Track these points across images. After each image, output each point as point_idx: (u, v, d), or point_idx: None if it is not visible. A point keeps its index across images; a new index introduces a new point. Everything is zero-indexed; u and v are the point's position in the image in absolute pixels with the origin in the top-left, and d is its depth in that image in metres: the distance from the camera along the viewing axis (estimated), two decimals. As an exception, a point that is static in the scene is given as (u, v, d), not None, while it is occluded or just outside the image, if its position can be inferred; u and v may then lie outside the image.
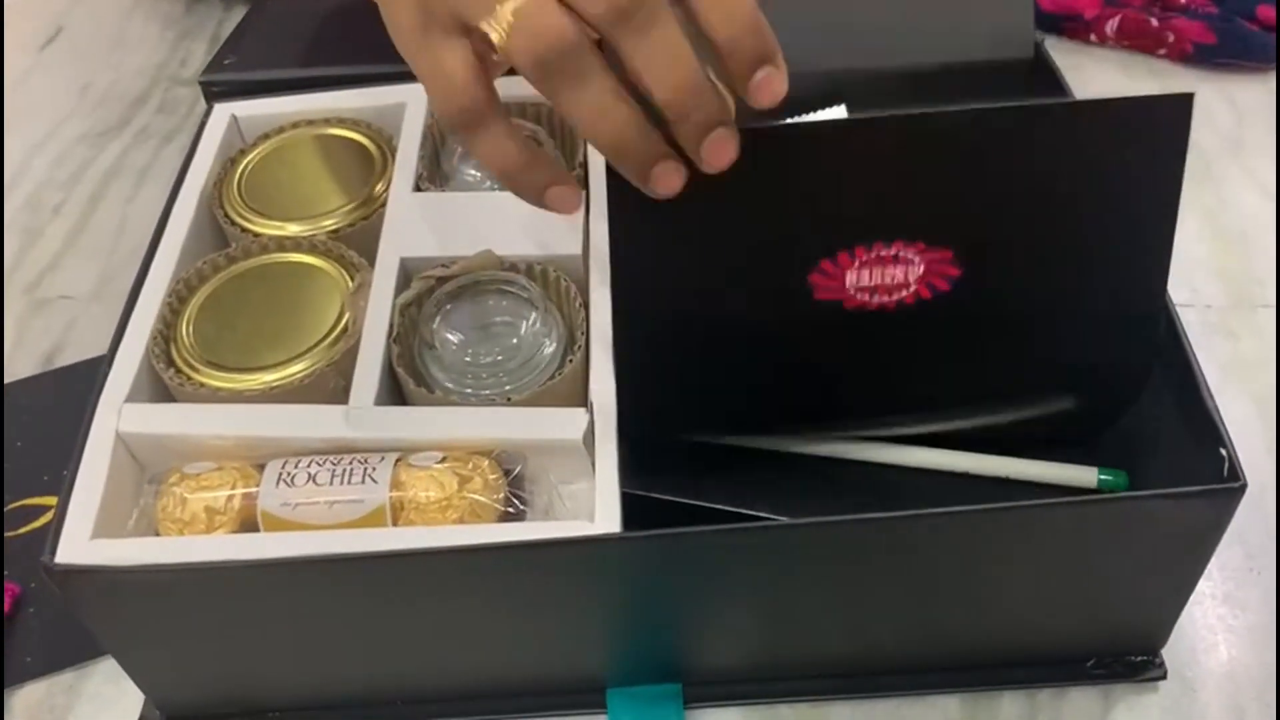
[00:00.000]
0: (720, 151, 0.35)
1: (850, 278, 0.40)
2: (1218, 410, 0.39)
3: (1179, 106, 0.37)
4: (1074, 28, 0.73)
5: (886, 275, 0.40)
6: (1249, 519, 0.49)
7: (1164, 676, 0.44)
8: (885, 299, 0.40)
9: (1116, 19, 0.72)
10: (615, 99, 0.34)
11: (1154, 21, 0.71)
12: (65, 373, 0.59)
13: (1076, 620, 0.43)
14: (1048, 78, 0.54)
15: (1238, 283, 0.59)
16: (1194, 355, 0.41)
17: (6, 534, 0.51)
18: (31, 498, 0.53)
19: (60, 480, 0.53)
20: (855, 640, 0.43)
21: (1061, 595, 0.42)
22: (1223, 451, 0.38)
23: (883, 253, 0.39)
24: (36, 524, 0.53)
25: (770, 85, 0.35)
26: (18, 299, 0.63)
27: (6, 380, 0.58)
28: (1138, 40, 0.72)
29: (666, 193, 0.35)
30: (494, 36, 0.34)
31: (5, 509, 0.52)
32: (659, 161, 0.35)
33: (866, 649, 0.44)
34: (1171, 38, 0.71)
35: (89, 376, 0.58)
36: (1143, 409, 0.43)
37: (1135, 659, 0.44)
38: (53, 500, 0.54)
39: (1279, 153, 0.66)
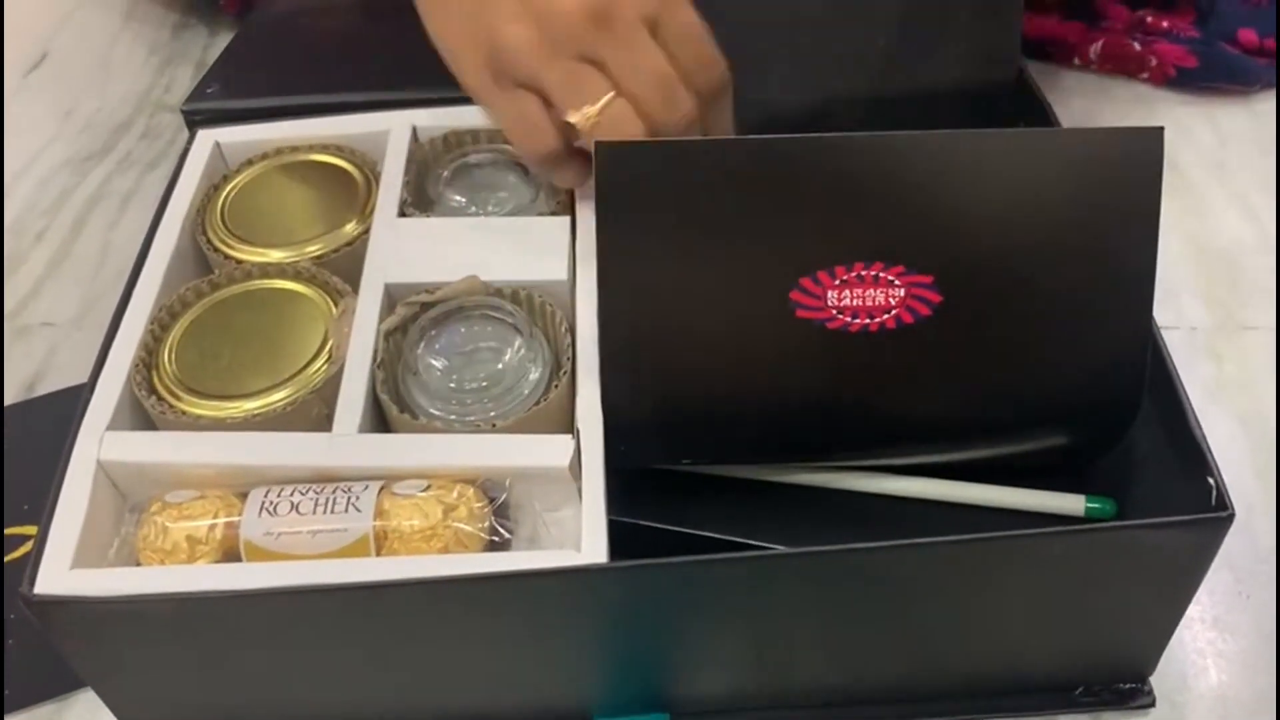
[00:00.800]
0: None
1: (831, 296, 0.40)
2: (1204, 438, 0.39)
3: (1150, 139, 0.38)
4: (1057, 52, 0.74)
5: (867, 297, 0.40)
6: (1237, 543, 0.49)
7: (1153, 704, 0.44)
8: (866, 321, 0.40)
9: (1099, 43, 0.72)
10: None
11: (1136, 45, 0.71)
12: (46, 400, 0.59)
13: (1065, 648, 0.43)
14: (1031, 101, 0.54)
15: (1222, 305, 0.60)
16: (1180, 381, 0.41)
17: (-14, 563, 0.51)
18: (12, 527, 0.53)
19: (41, 509, 0.53)
20: (843, 670, 0.43)
21: (1050, 624, 0.42)
22: (1210, 480, 0.38)
23: (863, 273, 0.40)
24: (16, 554, 0.52)
25: None
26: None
27: (-14, 408, 0.58)
28: (1120, 64, 0.72)
29: None
30: (580, 123, 0.43)
31: (-16, 538, 0.52)
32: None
33: (855, 678, 0.44)
34: (1154, 61, 0.71)
35: (70, 404, 0.58)
36: (1129, 436, 0.43)
37: (1124, 686, 0.44)
38: (33, 530, 0.53)
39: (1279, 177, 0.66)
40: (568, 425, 0.43)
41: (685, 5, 0.44)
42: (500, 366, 0.44)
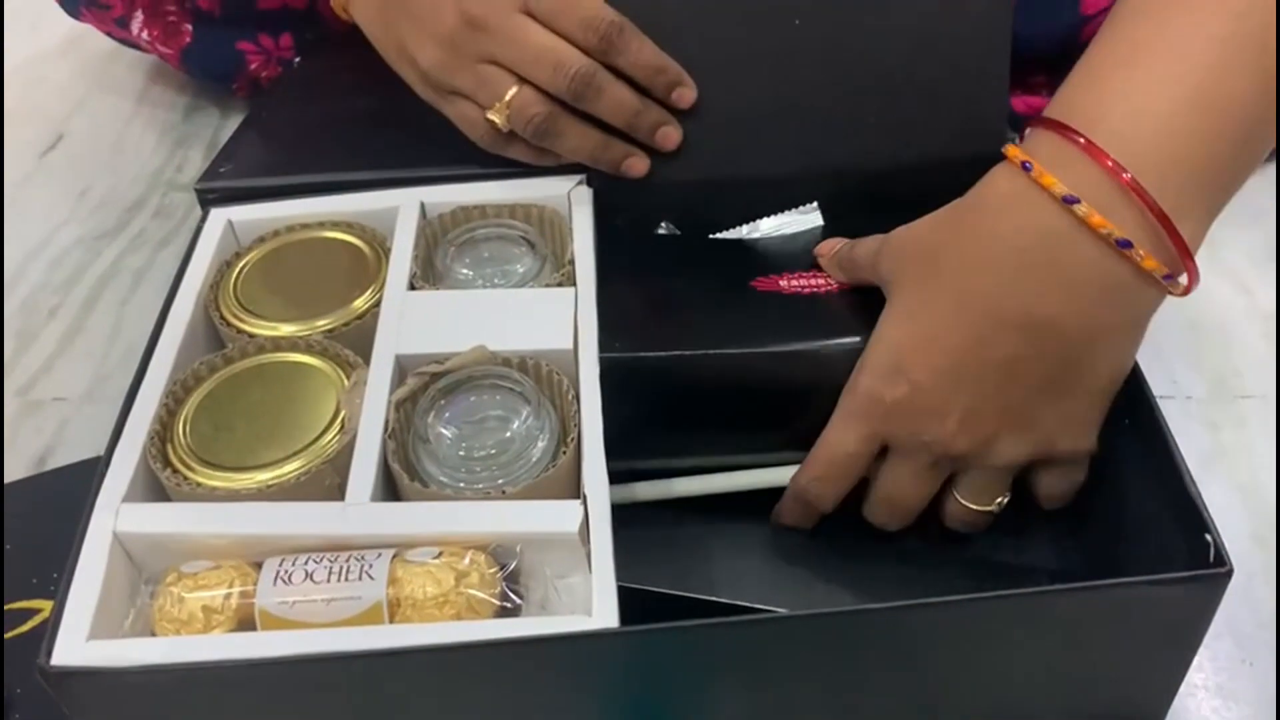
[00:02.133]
0: (666, 139, 0.54)
1: (782, 282, 0.51)
2: (1200, 495, 0.40)
3: None
4: None
5: (809, 281, 0.51)
6: (1238, 610, 0.49)
7: (1159, 764, 0.44)
8: (815, 289, 0.51)
9: None
10: (584, 136, 0.53)
11: None
12: (57, 475, 0.59)
13: (1068, 707, 0.43)
14: None
15: (1217, 374, 0.61)
16: (1174, 443, 0.42)
17: (-5, 637, 0.51)
18: (20, 601, 0.53)
19: (50, 583, 0.53)
20: None
21: (1053, 682, 0.42)
22: (1208, 537, 0.39)
23: (803, 274, 0.51)
24: (24, 628, 0.52)
25: (681, 98, 0.53)
26: (11, 401, 0.63)
27: (-4, 482, 0.58)
28: None
29: (638, 174, 0.54)
30: (499, 120, 0.52)
31: (-6, 612, 0.52)
32: (625, 158, 0.54)
33: None
34: None
35: (80, 478, 0.59)
36: (1127, 497, 0.44)
37: None
38: (42, 604, 0.54)
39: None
40: (575, 492, 0.44)
41: None
42: (509, 434, 0.45)
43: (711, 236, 0.57)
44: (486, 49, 0.51)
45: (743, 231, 0.57)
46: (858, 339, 0.46)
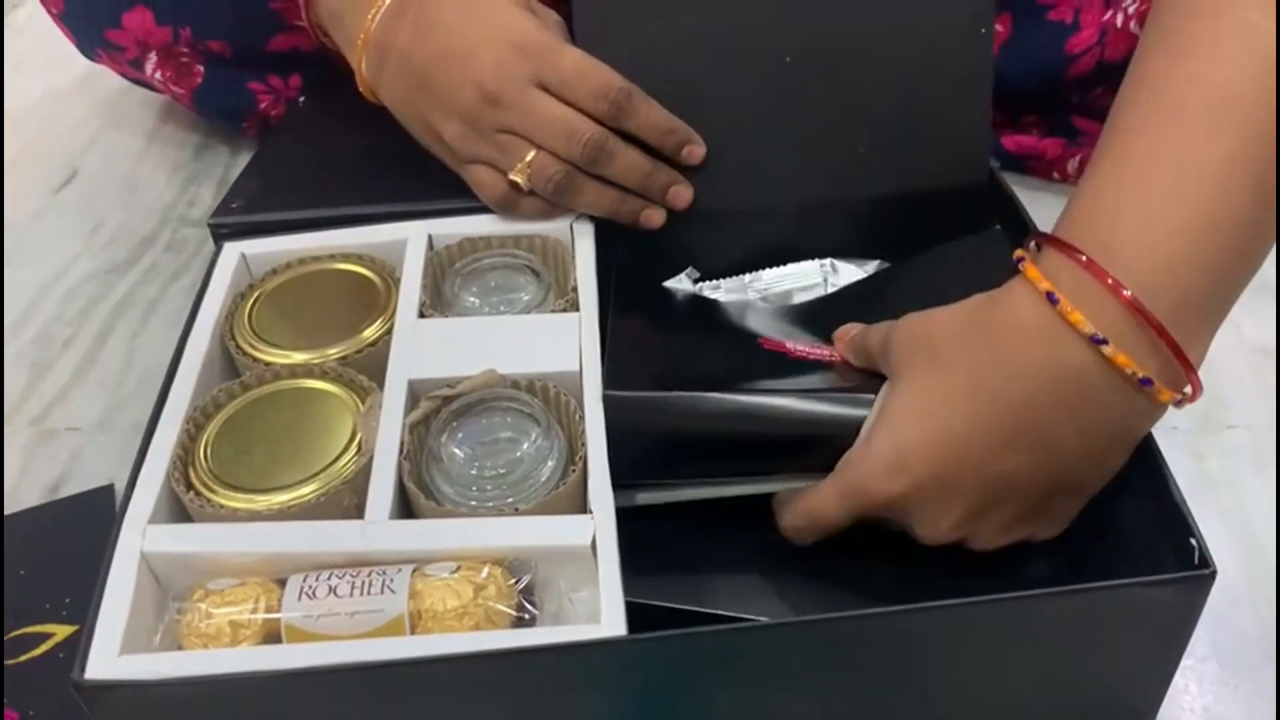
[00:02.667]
0: (677, 198, 0.58)
1: (789, 345, 0.53)
2: (1185, 503, 0.42)
3: None
4: (1037, 167, 0.77)
5: (814, 350, 0.53)
6: (1223, 634, 0.51)
7: (1147, 772, 0.46)
8: (819, 357, 0.52)
9: (1077, 158, 0.75)
10: (601, 193, 0.57)
11: None
12: (69, 502, 0.60)
13: (1056, 712, 0.45)
14: (1004, 201, 0.58)
15: (1202, 404, 0.61)
16: (1161, 457, 0.44)
17: (7, 662, 0.52)
18: (32, 625, 0.54)
19: (63, 608, 0.55)
20: None
21: (1042, 686, 0.44)
22: (1192, 541, 0.40)
23: (808, 345, 0.53)
24: (36, 652, 0.53)
25: (692, 155, 0.57)
26: (25, 430, 0.64)
27: (11, 510, 0.59)
28: None
29: (656, 225, 0.58)
30: (520, 180, 0.56)
31: (6, 637, 0.53)
32: (642, 210, 0.58)
33: None
34: None
35: (93, 506, 0.60)
36: (1114, 507, 0.46)
37: None
38: (55, 628, 0.55)
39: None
40: (583, 509, 0.45)
41: (559, 54, 0.54)
42: (519, 454, 0.47)
43: (716, 289, 0.60)
44: (504, 121, 0.55)
45: (744, 280, 0.60)
46: (869, 396, 0.47)
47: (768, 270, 0.60)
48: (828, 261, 0.60)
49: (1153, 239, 0.41)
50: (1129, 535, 0.45)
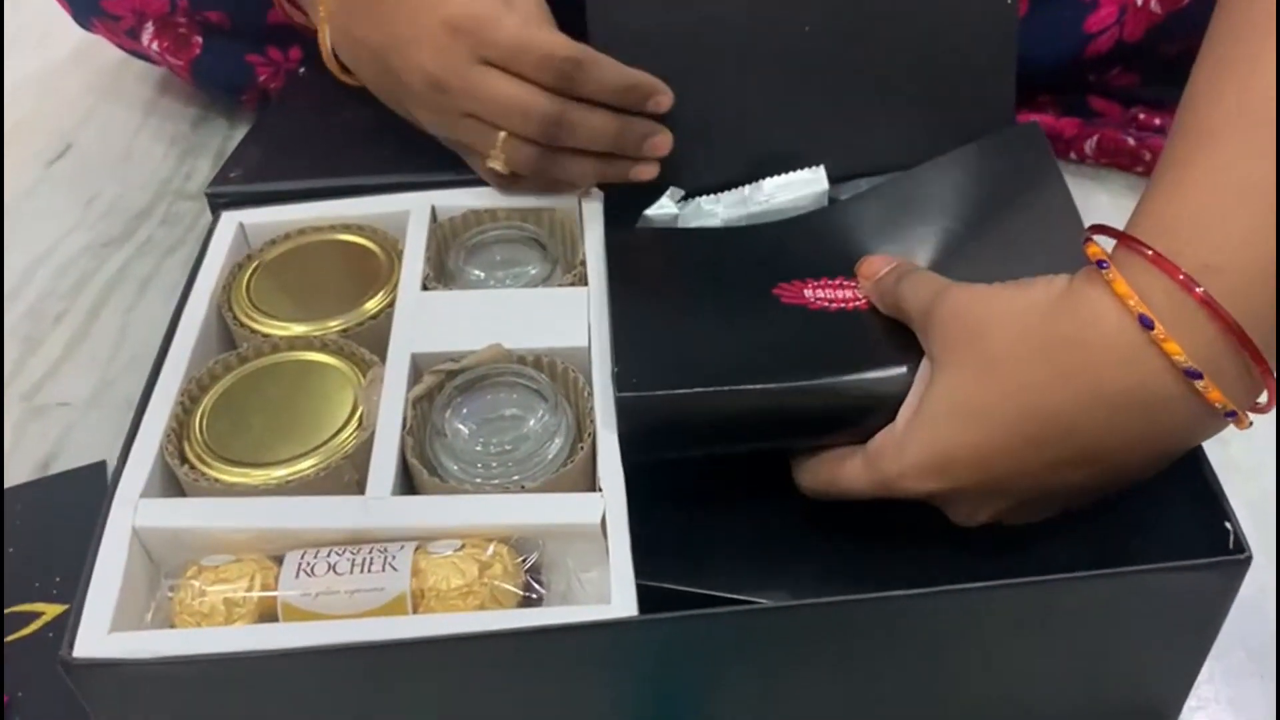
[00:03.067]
0: (655, 149, 0.54)
1: (807, 293, 0.48)
2: (1220, 487, 0.40)
3: None
4: (1054, 146, 0.75)
5: (836, 294, 0.49)
6: (1249, 623, 0.49)
7: (1174, 759, 0.45)
8: (842, 305, 0.48)
9: (1095, 138, 0.74)
10: (582, 163, 0.54)
11: (1131, 140, 0.73)
12: (60, 479, 0.59)
13: (1085, 699, 0.44)
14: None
15: None
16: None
17: (-2, 640, 0.51)
18: (23, 604, 0.53)
19: (53, 586, 0.53)
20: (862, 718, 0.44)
21: (1071, 673, 0.42)
22: (1227, 525, 0.39)
23: (829, 282, 0.49)
24: (25, 631, 0.52)
25: (658, 105, 0.53)
26: (15, 406, 0.63)
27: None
28: (1115, 158, 0.74)
29: (650, 177, 0.55)
30: (498, 166, 0.53)
31: (-4, 614, 0.52)
32: (631, 168, 0.54)
33: None
34: (1148, 156, 0.73)
35: (83, 483, 0.59)
36: (1146, 495, 0.45)
37: None
38: (44, 607, 0.53)
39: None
40: (593, 487, 0.44)
41: (496, 28, 0.50)
42: (525, 431, 0.45)
43: (715, 204, 0.57)
44: (461, 106, 0.52)
45: (745, 193, 0.57)
46: (902, 370, 0.44)
47: (768, 180, 0.56)
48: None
49: (1258, 261, 0.37)
50: (1158, 519, 0.44)
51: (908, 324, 0.45)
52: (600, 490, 0.42)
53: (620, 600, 0.38)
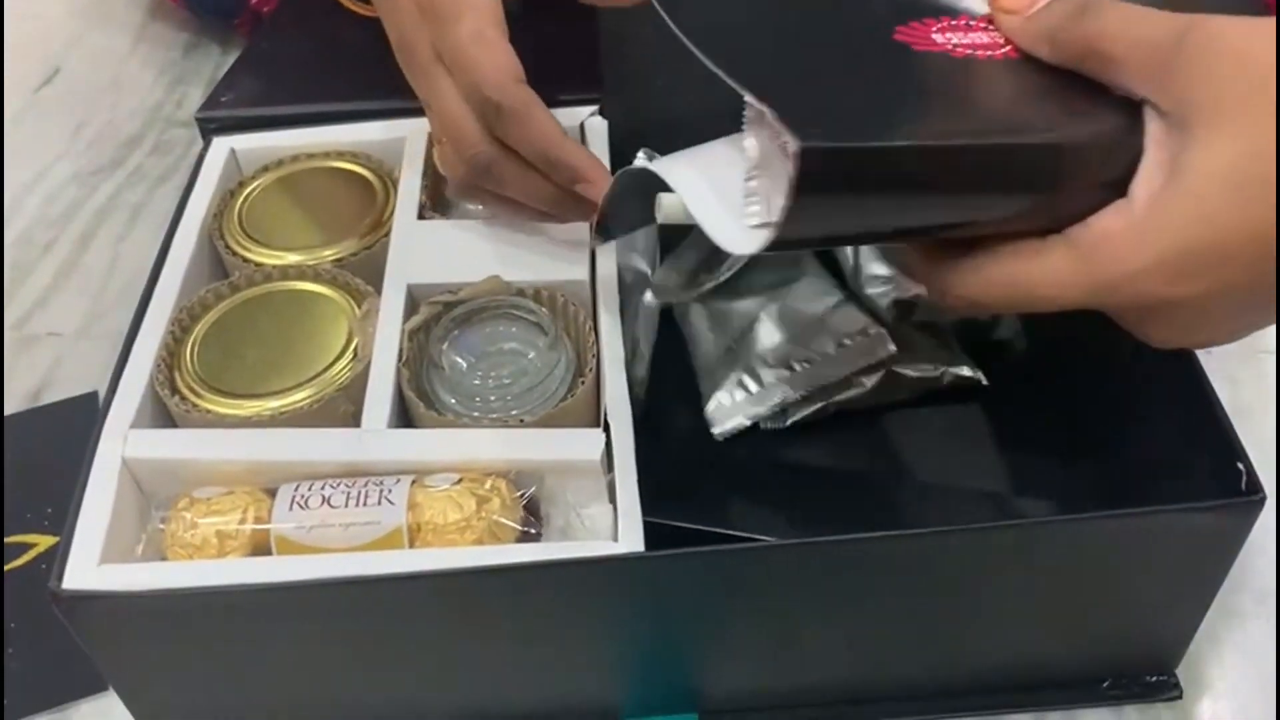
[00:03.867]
0: (587, 192, 0.43)
1: (937, 37, 0.37)
2: (1232, 427, 0.39)
3: None
4: None
5: (969, 38, 0.37)
6: (1253, 565, 0.48)
7: (1180, 696, 0.44)
8: (990, 52, 0.36)
9: None
10: (510, 206, 0.46)
11: None
12: (50, 410, 0.58)
13: (1094, 640, 0.43)
14: None
15: None
16: (1206, 379, 0.41)
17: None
18: (14, 535, 0.52)
19: (45, 518, 0.53)
20: (869, 663, 0.43)
21: (1080, 614, 0.42)
22: (1240, 466, 0.38)
23: (951, 23, 0.37)
24: (18, 562, 0.52)
25: (587, 193, 0.43)
26: (5, 335, 0.62)
27: (-11, 417, 0.57)
28: None
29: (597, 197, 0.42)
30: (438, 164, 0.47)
31: (-11, 545, 0.51)
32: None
33: (880, 672, 0.43)
34: None
35: (74, 414, 0.58)
36: (1151, 429, 0.44)
37: (1150, 679, 0.44)
38: (37, 538, 0.53)
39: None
40: (593, 423, 0.43)
41: (454, 26, 0.42)
42: (524, 365, 0.44)
43: None
44: (416, 88, 0.45)
45: None
46: (1119, 123, 0.33)
47: None
48: None
49: None
50: (1166, 463, 0.43)
51: (1098, 71, 0.34)
52: (601, 426, 0.41)
53: (627, 536, 0.38)
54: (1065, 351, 0.49)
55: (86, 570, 0.37)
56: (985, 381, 0.48)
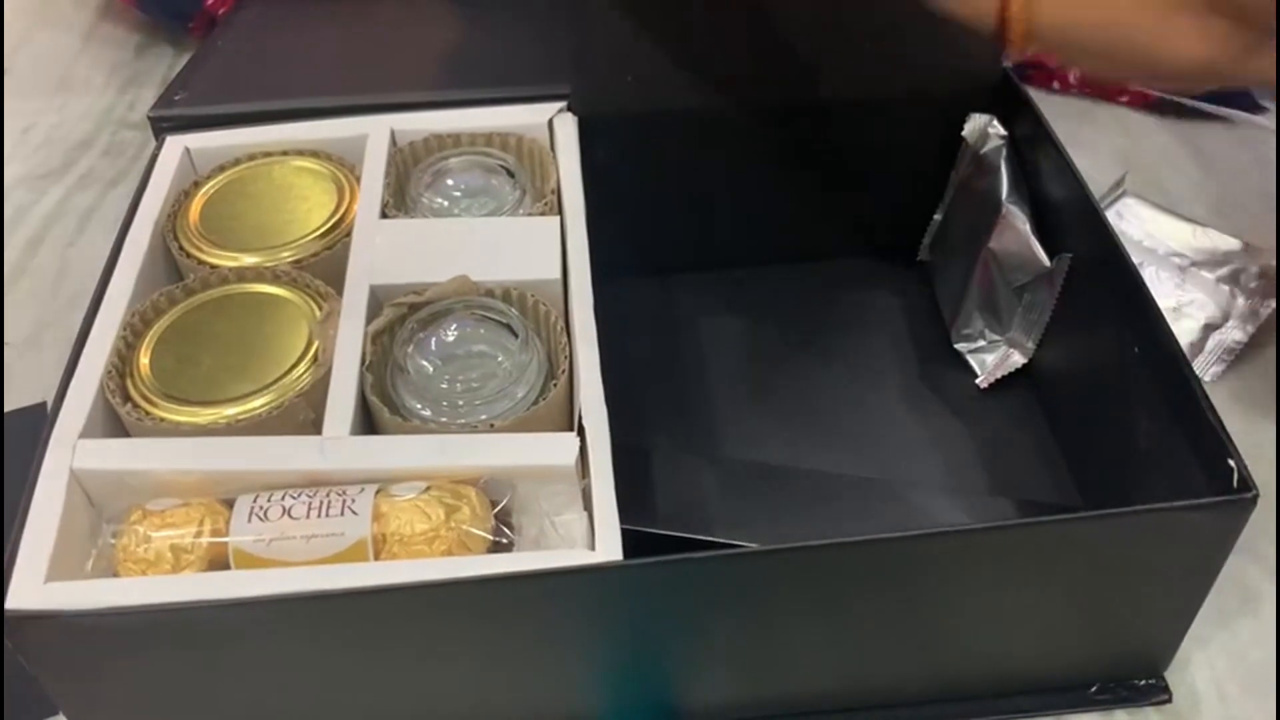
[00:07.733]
0: None
1: None
2: (1222, 424, 0.38)
3: None
4: (1038, 75, 0.73)
5: None
6: (1244, 563, 0.47)
7: (1169, 700, 0.43)
8: None
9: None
10: None
11: None
12: (-2, 421, 0.56)
13: (1082, 643, 0.42)
14: (1017, 103, 0.54)
15: None
16: (1191, 369, 0.40)
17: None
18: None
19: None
20: (855, 670, 0.42)
21: (1068, 617, 0.41)
22: (1230, 463, 0.37)
23: None
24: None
25: None
26: (-50, 346, 0.59)
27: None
28: (1100, 88, 0.72)
29: None
30: None
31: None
32: None
33: (866, 679, 0.42)
34: (1133, 85, 0.71)
35: (24, 426, 0.56)
36: (1137, 428, 0.43)
37: (1140, 683, 0.43)
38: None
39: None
40: (566, 427, 0.41)
41: None
42: (494, 367, 0.42)
43: None
44: None
45: None
46: None
47: None
48: None
49: None
50: (1154, 462, 0.42)
51: None
52: (574, 430, 0.40)
53: (605, 544, 0.36)
54: (1054, 350, 0.48)
55: (32, 589, 0.35)
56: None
